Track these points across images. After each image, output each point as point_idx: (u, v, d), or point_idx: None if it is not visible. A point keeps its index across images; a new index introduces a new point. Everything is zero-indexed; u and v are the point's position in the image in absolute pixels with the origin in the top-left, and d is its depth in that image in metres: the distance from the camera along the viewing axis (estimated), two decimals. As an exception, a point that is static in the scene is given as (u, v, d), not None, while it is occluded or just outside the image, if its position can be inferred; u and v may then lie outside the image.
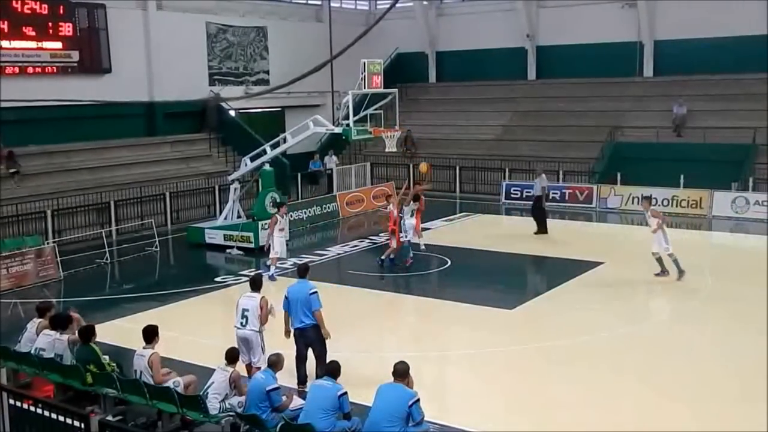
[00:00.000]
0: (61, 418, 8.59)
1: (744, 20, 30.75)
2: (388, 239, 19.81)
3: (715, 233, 24.40)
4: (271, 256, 18.32)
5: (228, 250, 21.52)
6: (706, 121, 29.73)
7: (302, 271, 11.95)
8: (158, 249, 21.84)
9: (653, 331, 14.38)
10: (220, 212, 23.32)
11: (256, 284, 11.75)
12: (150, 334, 10.38)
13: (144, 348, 10.32)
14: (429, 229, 24.15)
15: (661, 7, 33.03)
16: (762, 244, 22.03)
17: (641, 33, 33.45)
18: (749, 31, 30.70)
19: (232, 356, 10.10)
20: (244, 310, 11.35)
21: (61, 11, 25.77)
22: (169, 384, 10.02)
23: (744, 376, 12.07)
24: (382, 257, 19.32)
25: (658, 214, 17.92)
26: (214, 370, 10.03)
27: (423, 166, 22.67)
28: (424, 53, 38.96)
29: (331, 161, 31.31)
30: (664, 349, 13.43)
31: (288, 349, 11.44)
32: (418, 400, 8.69)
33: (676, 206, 26.09)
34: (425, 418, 8.87)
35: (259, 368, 10.71)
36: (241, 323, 11.31)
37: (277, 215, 18.59)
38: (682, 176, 26.28)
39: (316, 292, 11.45)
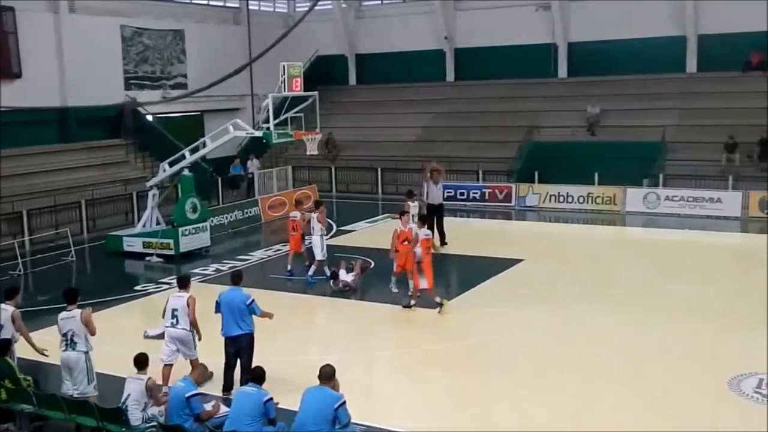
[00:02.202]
0: (-25, 437, 8.32)
1: (653, 22, 31.91)
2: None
3: (628, 228, 25.22)
4: (318, 258, 18.21)
5: (147, 258, 21.14)
6: (618, 120, 30.68)
7: (236, 279, 11.99)
8: (75, 258, 21.28)
9: (575, 325, 14.73)
10: (139, 219, 22.90)
11: (183, 283, 11.90)
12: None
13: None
14: (353, 231, 24.26)
15: (574, 9, 33.94)
16: (674, 237, 22.91)
17: (555, 35, 34.30)
18: (659, 33, 31.90)
19: (140, 361, 9.87)
20: (173, 309, 11.46)
21: (-32, 15, 24.91)
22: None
23: (668, 362, 12.54)
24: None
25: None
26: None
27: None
28: (344, 56, 39.01)
29: (253, 165, 31.04)
30: (585, 341, 13.81)
31: (216, 359, 11.35)
32: (345, 402, 8.72)
33: (592, 203, 26.87)
34: (352, 420, 8.91)
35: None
36: (172, 323, 11.41)
37: (311, 215, 18.55)
38: (596, 174, 27.10)
39: (253, 300, 11.52)
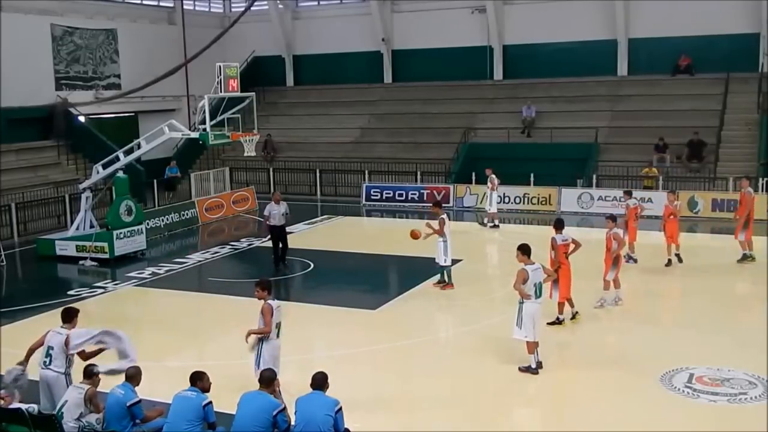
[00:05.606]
0: None
1: (586, 26, 32.67)
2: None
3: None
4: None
5: (81, 262, 20.70)
6: (552, 122, 31.23)
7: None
8: (4, 263, 20.68)
9: (510, 322, 14.89)
10: (72, 222, 22.42)
11: None
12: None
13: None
14: (291, 232, 24.12)
15: (508, 12, 34.47)
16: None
17: (491, 38, 34.73)
18: (591, 37, 32.67)
19: (88, 372, 9.71)
20: None
21: None
22: None
23: (599, 358, 12.80)
24: None
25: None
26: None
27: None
28: (281, 57, 38.81)
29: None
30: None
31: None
32: (284, 408, 8.72)
33: (528, 203, 27.33)
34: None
35: None
36: None
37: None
38: (532, 174, 27.58)
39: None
